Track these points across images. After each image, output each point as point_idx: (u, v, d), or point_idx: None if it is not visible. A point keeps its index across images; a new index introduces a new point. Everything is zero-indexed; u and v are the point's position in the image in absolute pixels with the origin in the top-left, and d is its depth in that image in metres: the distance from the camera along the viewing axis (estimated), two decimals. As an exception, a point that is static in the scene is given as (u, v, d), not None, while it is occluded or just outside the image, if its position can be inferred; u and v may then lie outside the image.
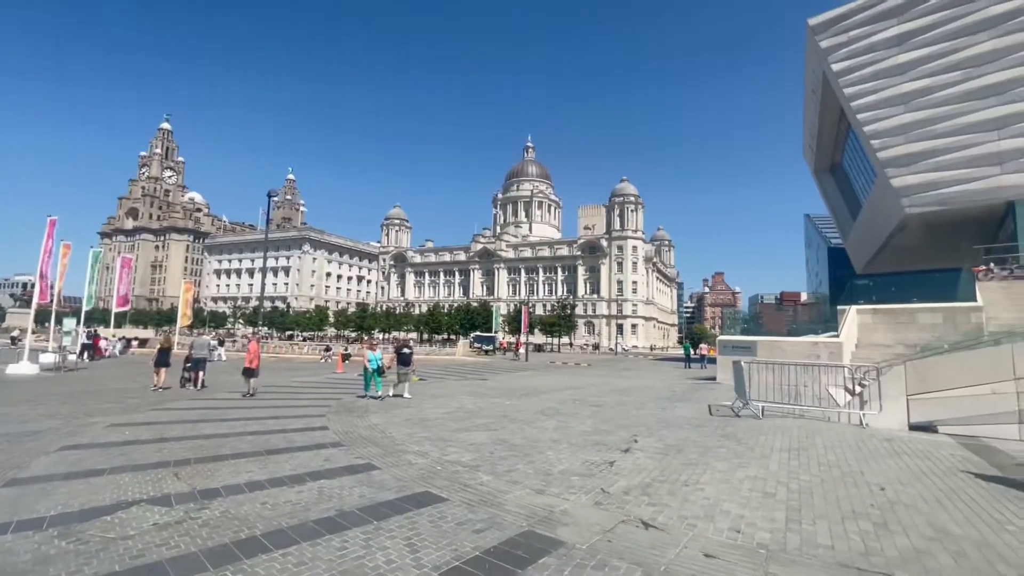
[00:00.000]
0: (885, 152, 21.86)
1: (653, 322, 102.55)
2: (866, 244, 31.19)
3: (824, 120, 30.24)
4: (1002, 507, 4.97)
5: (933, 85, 20.82)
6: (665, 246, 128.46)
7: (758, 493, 5.26)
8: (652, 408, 11.65)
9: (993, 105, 19.41)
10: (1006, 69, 19.26)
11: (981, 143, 19.63)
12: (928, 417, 9.08)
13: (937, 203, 20.66)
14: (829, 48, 23.86)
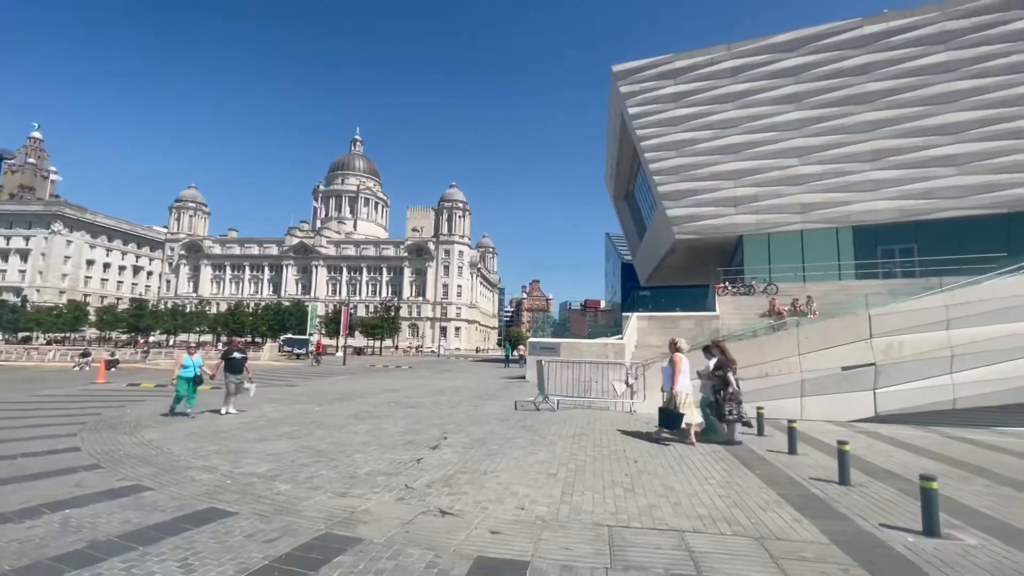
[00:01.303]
0: (663, 187, 26.59)
1: (476, 325, 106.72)
2: (648, 261, 37.42)
3: (622, 154, 35.47)
4: (711, 467, 6.58)
5: (696, 138, 26.11)
6: (489, 253, 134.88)
7: (543, 474, 6.03)
8: (465, 407, 12.26)
9: (731, 160, 25.15)
10: (741, 134, 25.16)
11: (724, 189, 25.25)
12: (676, 403, 11.42)
13: (695, 232, 25.86)
14: (627, 94, 28.12)
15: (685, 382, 8.18)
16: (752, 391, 11.26)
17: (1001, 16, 21.22)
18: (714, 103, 25.91)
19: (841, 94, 23.41)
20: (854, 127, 23.06)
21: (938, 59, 21.95)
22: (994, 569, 3.67)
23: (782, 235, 24.13)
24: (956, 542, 4.14)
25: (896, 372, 10.69)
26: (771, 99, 24.72)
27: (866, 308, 11.60)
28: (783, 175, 24.11)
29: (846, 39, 23.64)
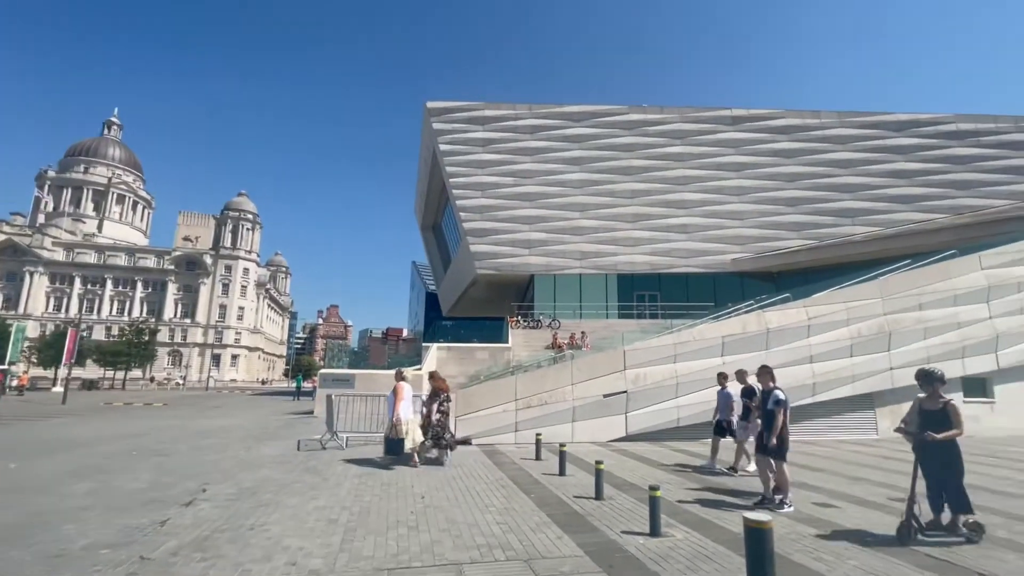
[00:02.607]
0: (468, 224, 28.06)
1: (259, 353, 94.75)
2: (451, 292, 38.67)
3: (432, 187, 36.43)
4: (492, 495, 6.97)
5: (499, 183, 28.42)
6: (282, 272, 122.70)
7: (323, 521, 5.58)
8: (236, 450, 10.68)
9: (528, 207, 28.03)
10: (536, 185, 28.30)
11: (520, 231, 27.88)
12: (467, 433, 11.88)
13: (495, 268, 27.79)
14: (439, 131, 29.22)
15: (406, 409, 8.98)
16: (535, 418, 12.42)
17: (714, 127, 28.61)
18: (516, 154, 28.71)
19: (613, 164, 28.32)
20: (621, 192, 28.03)
21: (677, 150, 28.36)
22: (692, 556, 4.67)
23: (566, 277, 27.60)
24: (670, 538, 5.16)
25: (641, 398, 13.04)
26: (561, 159, 28.51)
27: (622, 344, 13.99)
28: (568, 225, 27.79)
29: (618, 120, 28.88)
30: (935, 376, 5.47)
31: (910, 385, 14.85)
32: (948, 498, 5.28)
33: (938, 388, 5.44)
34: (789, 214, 27.32)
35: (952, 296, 15.48)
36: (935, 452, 5.27)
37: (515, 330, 22.65)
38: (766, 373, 7.04)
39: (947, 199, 26.40)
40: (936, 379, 5.46)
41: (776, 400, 6.64)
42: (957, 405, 5.33)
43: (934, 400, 5.42)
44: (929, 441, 5.15)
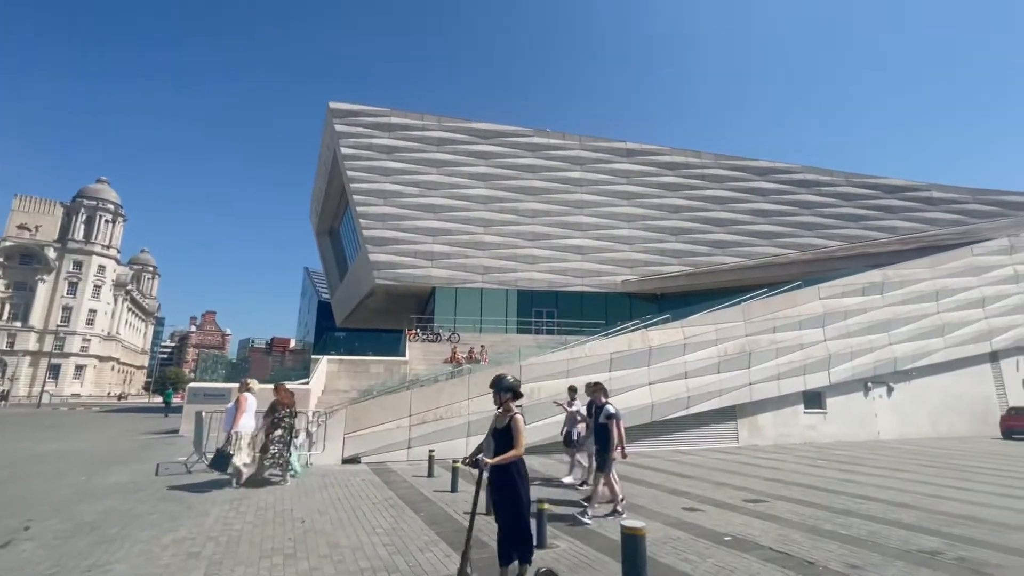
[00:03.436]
0: (368, 232, 27.10)
1: (113, 363, 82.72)
2: (346, 302, 36.91)
3: (330, 190, 34.72)
4: (380, 516, 6.71)
5: (403, 192, 27.88)
6: (148, 273, 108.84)
7: (182, 556, 4.97)
8: (73, 477, 9.15)
9: (432, 219, 27.80)
10: (441, 197, 28.20)
11: (423, 243, 27.52)
12: (356, 450, 11.33)
13: (395, 279, 27.07)
14: (342, 133, 28.04)
15: (247, 422, 8.49)
16: (429, 434, 12.19)
17: (610, 157, 30.70)
18: (421, 164, 28.42)
19: (516, 183, 29.15)
20: (523, 211, 28.89)
21: (576, 175, 29.95)
22: (574, 565, 4.87)
23: (467, 291, 27.68)
24: (555, 549, 5.34)
25: (537, 411, 13.38)
26: (467, 174, 28.75)
27: (519, 359, 14.33)
28: (471, 240, 27.99)
29: (522, 142, 29.86)
30: (502, 385, 4.24)
31: (767, 399, 17.03)
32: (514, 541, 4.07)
33: (506, 399, 4.23)
34: (671, 242, 30.02)
35: (798, 321, 17.99)
36: (496, 482, 4.10)
37: (413, 343, 22.19)
38: (598, 389, 7.30)
39: (796, 237, 30.76)
40: (503, 388, 4.23)
41: (608, 414, 6.82)
42: (521, 419, 4.14)
43: (503, 416, 4.22)
44: (483, 468, 3.94)
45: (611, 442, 6.72)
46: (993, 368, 22.79)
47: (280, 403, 8.81)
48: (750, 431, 16.69)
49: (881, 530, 6.34)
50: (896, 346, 19.86)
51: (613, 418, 6.79)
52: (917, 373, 20.42)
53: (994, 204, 32.93)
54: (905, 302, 20.50)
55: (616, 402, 14.32)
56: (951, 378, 21.33)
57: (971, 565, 5.06)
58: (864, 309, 19.50)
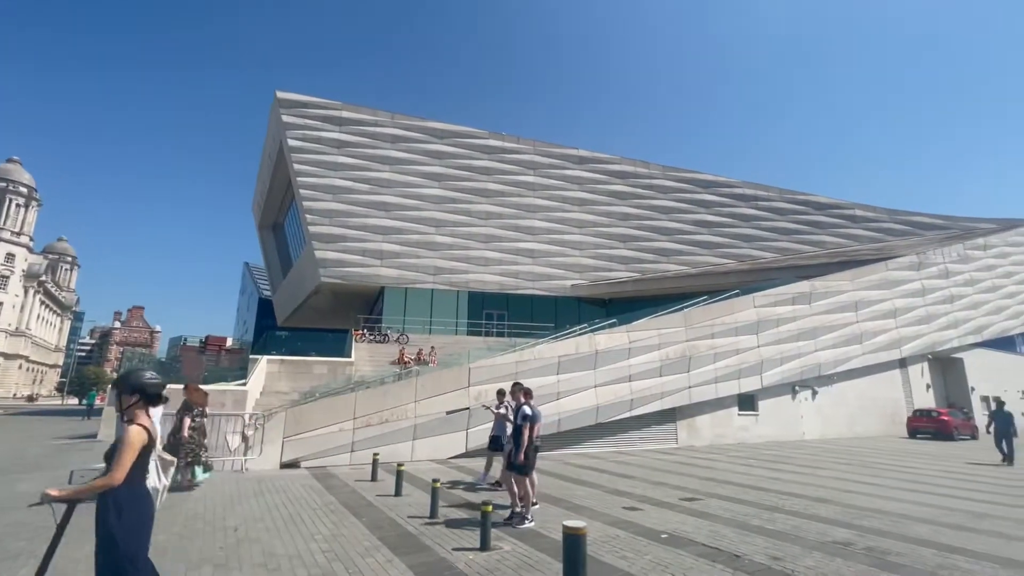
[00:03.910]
0: (314, 228, 26.20)
1: (21, 362, 75.56)
2: (289, 300, 35.48)
3: (275, 183, 33.30)
4: (320, 522, 6.51)
5: (353, 188, 27.16)
6: (66, 263, 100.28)
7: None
8: (-28, 486, 8.29)
9: (382, 217, 27.25)
10: (393, 195, 27.69)
11: (373, 241, 26.91)
12: (296, 455, 10.93)
13: (342, 278, 26.30)
14: (289, 124, 26.97)
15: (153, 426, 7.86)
16: (374, 437, 11.93)
17: (563, 163, 31.23)
18: (373, 161, 27.80)
19: (470, 185, 29.08)
20: (476, 213, 28.86)
21: (529, 179, 30.25)
22: (518, 566, 4.92)
23: (417, 291, 27.30)
24: (499, 551, 5.37)
25: (482, 414, 13.37)
26: (421, 173, 28.39)
27: (468, 361, 14.30)
28: (423, 239, 27.65)
29: (478, 144, 29.83)
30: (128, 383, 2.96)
31: (704, 401, 17.83)
32: None
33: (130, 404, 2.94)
34: (620, 249, 30.90)
35: (734, 328, 18.98)
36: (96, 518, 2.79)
37: (360, 344, 21.64)
38: (519, 390, 7.18)
39: (735, 248, 32.45)
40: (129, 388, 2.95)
41: (524, 416, 6.70)
42: (136, 432, 2.80)
43: None
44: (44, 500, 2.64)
45: (521, 444, 6.58)
46: (902, 374, 24.96)
47: (192, 403, 8.55)
48: (688, 432, 17.43)
49: (802, 524, 6.80)
50: (821, 352, 21.34)
51: (528, 420, 6.66)
52: (838, 378, 22.04)
53: (907, 224, 36.13)
54: (829, 312, 22.08)
55: (563, 404, 14.67)
56: (866, 382, 23.18)
57: (877, 554, 5.53)
58: (794, 317, 20.84)
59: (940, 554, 5.59)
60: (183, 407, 8.50)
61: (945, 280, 27.86)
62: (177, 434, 8.28)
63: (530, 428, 6.68)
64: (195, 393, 8.72)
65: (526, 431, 6.61)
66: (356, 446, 11.68)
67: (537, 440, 6.90)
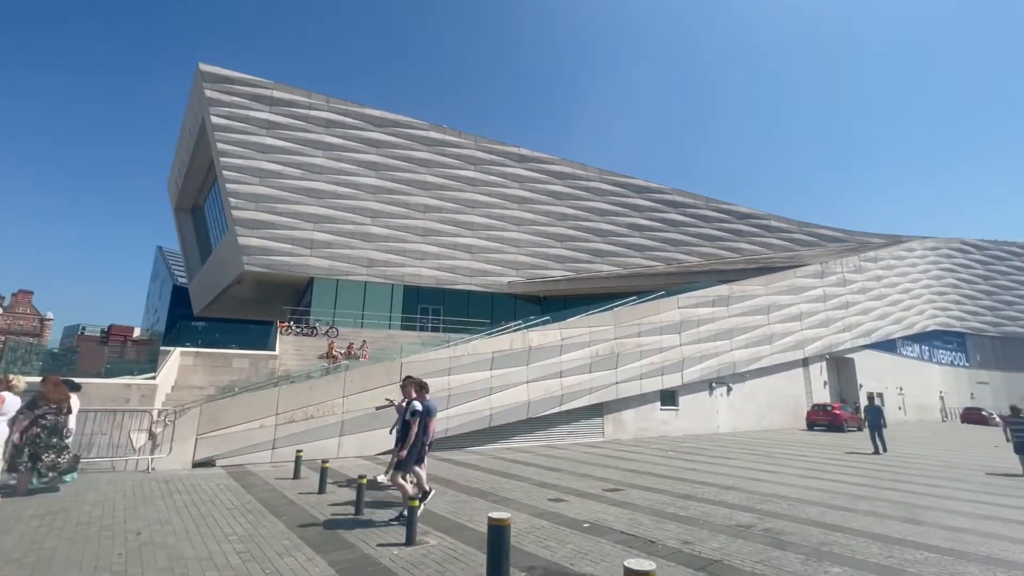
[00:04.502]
0: (239, 212, 24.61)
1: None
2: (208, 288, 33.14)
3: (195, 162, 30.91)
4: (235, 521, 6.19)
5: (282, 172, 25.77)
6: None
7: (-31, 583, 4.14)
8: None
9: (314, 205, 26.09)
10: (326, 183, 26.58)
11: (302, 229, 25.71)
12: (211, 453, 10.27)
13: (267, 266, 24.92)
14: (213, 100, 25.11)
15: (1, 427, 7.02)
16: (298, 433, 11.45)
17: (504, 160, 31.38)
18: (306, 145, 26.53)
19: (408, 176, 28.50)
20: (414, 206, 28.35)
21: (469, 174, 30.13)
22: (443, 559, 4.96)
23: (349, 283, 26.43)
24: (424, 546, 5.37)
25: (414, 409, 13.26)
26: (356, 160, 27.45)
27: (400, 356, 14.06)
28: (357, 230, 26.78)
29: (417, 135, 29.28)
30: None
31: (630, 396, 18.65)
32: None
33: None
34: (556, 248, 31.56)
35: (659, 327, 19.99)
36: None
37: (285, 336, 20.67)
38: (411, 383, 6.79)
39: (663, 252, 34.13)
40: None
41: (413, 411, 6.42)
42: None
43: None
44: None
45: (408, 440, 6.29)
46: (804, 372, 27.42)
47: (47, 398, 7.52)
48: (614, 426, 18.18)
49: (711, 510, 7.34)
50: (736, 352, 22.97)
51: (418, 415, 6.40)
52: (750, 375, 23.83)
53: (813, 235, 39.64)
54: (744, 314, 23.80)
55: (495, 400, 14.78)
56: (773, 380, 25.25)
57: (772, 534, 6.08)
58: (713, 319, 22.28)
59: (824, 532, 6.25)
60: (30, 403, 7.40)
61: (842, 288, 30.90)
62: (23, 432, 7.23)
63: (420, 423, 6.45)
64: (50, 387, 7.71)
65: (415, 426, 6.34)
66: (278, 443, 11.16)
67: (429, 437, 6.71)
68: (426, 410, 6.65)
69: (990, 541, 6.10)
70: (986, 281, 47.20)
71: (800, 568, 4.94)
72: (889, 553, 5.48)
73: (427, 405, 6.71)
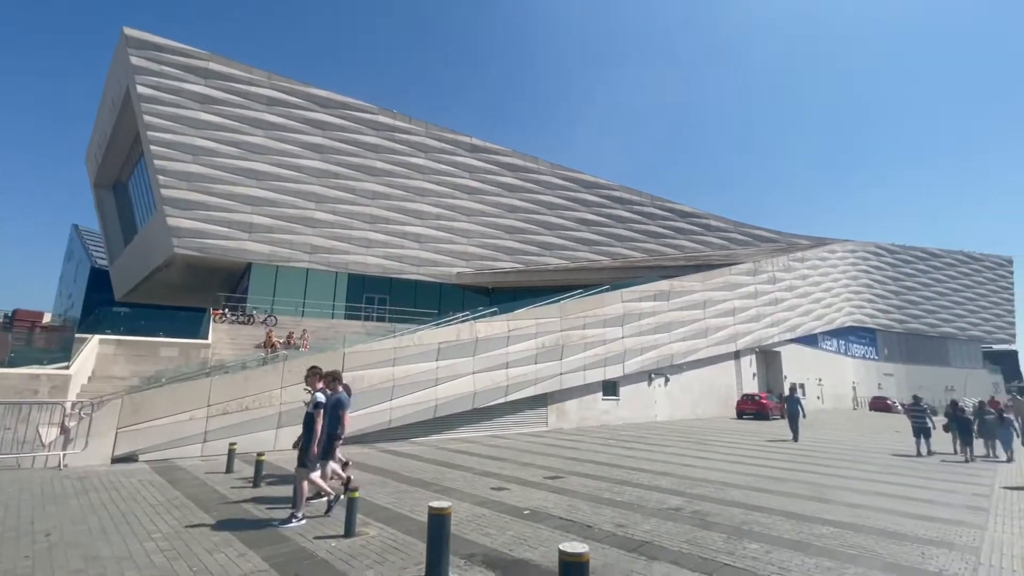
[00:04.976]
0: (168, 191, 22.99)
1: None
2: (132, 272, 30.82)
3: (118, 135, 28.50)
4: (161, 519, 5.87)
5: (218, 151, 24.27)
6: None
7: None
8: None
9: (253, 187, 24.78)
10: (267, 164, 25.29)
11: (240, 212, 24.37)
12: (132, 447, 9.63)
13: (199, 250, 23.47)
14: (140, 68, 23.21)
15: None
16: (232, 426, 10.94)
17: (455, 149, 31.04)
18: (245, 123, 25.11)
19: (356, 161, 27.63)
20: (361, 191, 27.55)
21: (419, 161, 29.60)
22: (383, 549, 4.94)
23: (291, 270, 25.39)
24: (364, 536, 5.33)
25: (355, 400, 12.94)
26: (300, 142, 26.29)
27: (343, 346, 13.70)
28: (299, 215, 25.72)
29: (366, 118, 28.39)
30: None
31: (574, 387, 19.13)
32: None
33: None
34: (506, 240, 31.68)
35: (603, 320, 20.58)
36: None
37: (219, 324, 19.63)
38: (314, 373, 6.31)
39: (609, 247, 35.05)
40: None
41: (316, 403, 5.99)
42: None
43: None
44: None
45: (313, 435, 5.84)
46: (735, 364, 29.11)
47: None
48: (558, 416, 18.60)
49: (645, 495, 7.71)
50: (674, 344, 24.05)
51: (321, 407, 5.99)
52: (686, 367, 25.04)
53: (748, 236, 41.97)
54: (683, 309, 24.92)
55: (441, 391, 14.73)
56: (708, 371, 26.66)
57: (700, 516, 6.48)
58: (654, 312, 23.18)
59: (745, 512, 6.73)
60: None
61: (772, 286, 32.97)
62: None
63: (332, 416, 6.21)
64: None
65: (319, 420, 5.91)
66: (210, 436, 10.62)
67: (341, 430, 6.52)
68: (337, 402, 6.39)
69: (884, 515, 6.79)
70: (895, 282, 51.79)
71: (722, 546, 5.30)
72: (799, 529, 5.99)
73: (337, 397, 6.45)
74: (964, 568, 4.86)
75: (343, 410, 6.57)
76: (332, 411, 6.39)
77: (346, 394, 7.07)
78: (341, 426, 6.59)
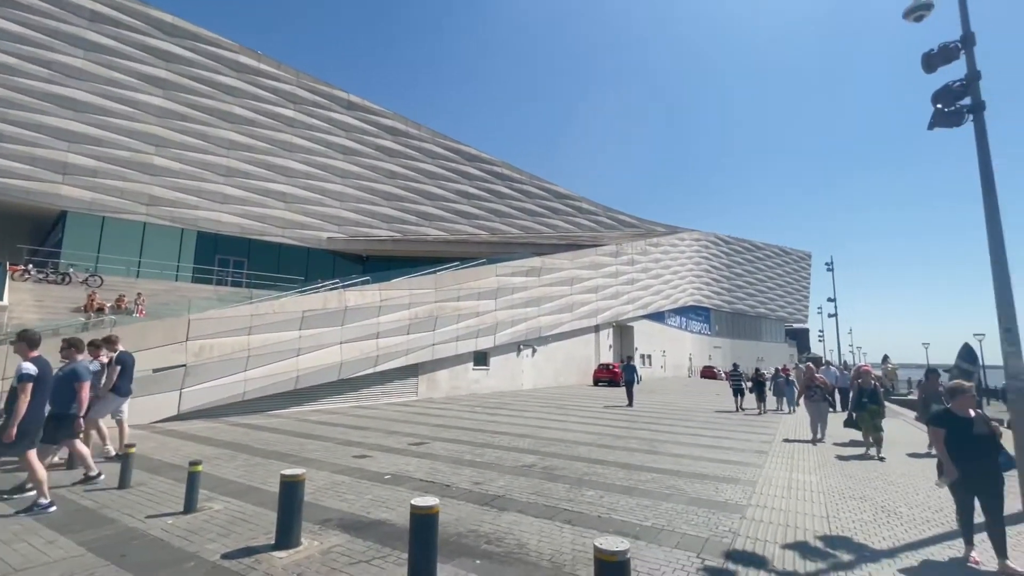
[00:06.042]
0: (-60, 111, 18.12)
1: None
2: None
3: None
4: (-65, 511, 4.90)
5: (22, 70, 19.67)
6: None
7: None
8: None
9: (70, 120, 20.58)
10: (90, 93, 21.11)
11: (52, 148, 20.15)
12: None
13: (-9, 191, 19.04)
14: None
15: None
16: (38, 401, 9.29)
17: (329, 104, 28.76)
18: (58, 39, 20.59)
19: (209, 103, 24.30)
20: (216, 139, 24.39)
21: (288, 113, 26.99)
22: (229, 522, 4.72)
23: (122, 223, 21.81)
24: (207, 511, 5.03)
25: (203, 372, 11.79)
26: (136, 72, 22.35)
27: (188, 312, 12.28)
28: (134, 159, 22.06)
29: (224, 56, 24.98)
30: None
31: (446, 357, 19.43)
32: None
33: None
34: (383, 206, 30.54)
35: (477, 293, 21.08)
36: None
37: (20, 283, 16.34)
38: (21, 342, 5.13)
39: (488, 221, 35.63)
40: None
41: (19, 375, 4.90)
42: None
43: None
44: None
45: (14, 416, 4.77)
46: (595, 337, 31.86)
47: None
48: (428, 386, 18.83)
49: (503, 455, 8.28)
50: (542, 318, 25.54)
51: (24, 380, 4.88)
52: (552, 339, 26.81)
53: (614, 220, 45.58)
54: (552, 285, 26.48)
55: (303, 361, 14.06)
56: (571, 343, 28.84)
57: (549, 471, 7.19)
58: (526, 287, 24.31)
59: (588, 466, 7.62)
60: None
61: (631, 267, 36.42)
62: None
63: (57, 390, 5.46)
64: None
65: (24, 395, 4.83)
66: (6, 414, 8.92)
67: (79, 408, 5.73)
68: (73, 373, 5.64)
69: (697, 462, 8.16)
70: (727, 268, 60.36)
71: (565, 495, 5.98)
72: (630, 477, 6.97)
73: (73, 367, 5.70)
74: (743, 496, 6.10)
75: (79, 383, 5.70)
76: (62, 384, 5.55)
77: (86, 365, 6.13)
78: (77, 402, 5.72)
